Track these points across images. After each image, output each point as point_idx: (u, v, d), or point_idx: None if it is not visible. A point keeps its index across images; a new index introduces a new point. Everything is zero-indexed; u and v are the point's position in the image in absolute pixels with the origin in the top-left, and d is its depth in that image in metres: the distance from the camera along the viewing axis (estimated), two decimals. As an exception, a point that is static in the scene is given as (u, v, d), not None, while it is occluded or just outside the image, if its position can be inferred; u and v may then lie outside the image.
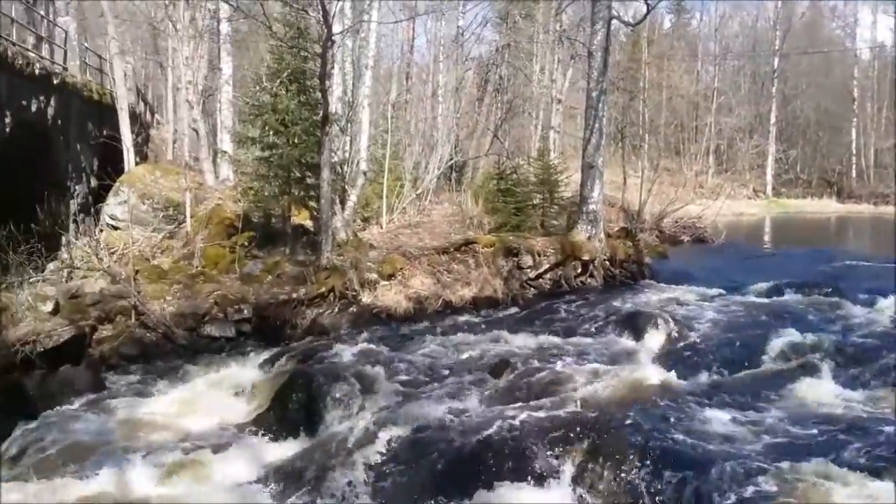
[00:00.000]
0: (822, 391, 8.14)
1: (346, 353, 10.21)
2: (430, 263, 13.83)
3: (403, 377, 9.20)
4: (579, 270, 14.96)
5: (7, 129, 11.31)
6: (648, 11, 15.92)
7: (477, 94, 28.21)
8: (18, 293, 10.12)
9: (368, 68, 16.83)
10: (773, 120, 49.87)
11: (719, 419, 7.27)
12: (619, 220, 22.07)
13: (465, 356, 10.22)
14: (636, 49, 44.07)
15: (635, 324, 11.03)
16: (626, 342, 10.55)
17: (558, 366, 9.25)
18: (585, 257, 14.97)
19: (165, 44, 23.96)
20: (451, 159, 22.55)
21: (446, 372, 9.60)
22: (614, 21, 16.28)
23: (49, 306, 10.30)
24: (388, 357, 10.10)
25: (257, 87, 14.94)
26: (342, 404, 8.13)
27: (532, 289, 14.32)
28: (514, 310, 13.23)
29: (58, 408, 8.56)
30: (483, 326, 11.94)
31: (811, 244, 24.40)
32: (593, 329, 11.29)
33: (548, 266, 14.58)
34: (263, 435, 7.89)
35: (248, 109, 15.25)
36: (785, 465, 5.92)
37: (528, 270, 14.42)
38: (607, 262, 15.30)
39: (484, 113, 27.04)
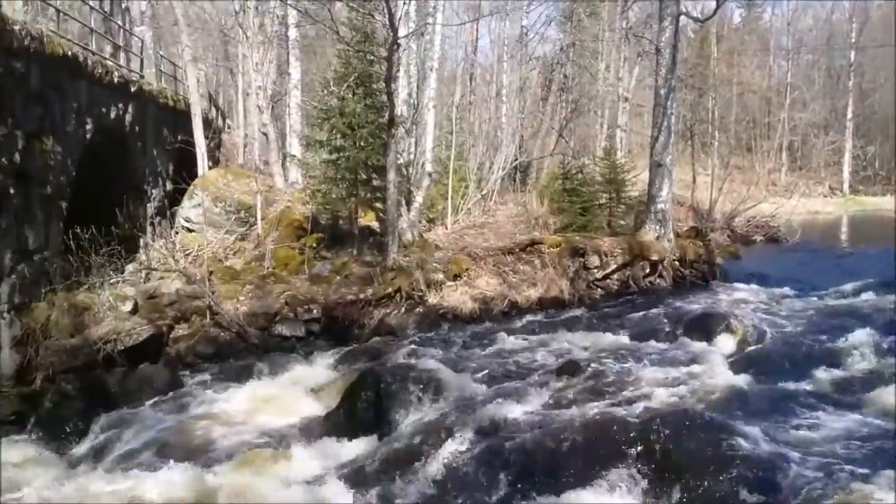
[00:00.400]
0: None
1: (413, 353, 10.30)
2: (495, 264, 13.82)
3: (470, 377, 9.22)
4: (648, 271, 14.75)
5: (88, 136, 11.76)
6: (718, 6, 15.62)
7: (541, 93, 28.03)
8: (100, 293, 10.52)
9: (433, 70, 16.92)
10: (849, 115, 48.00)
11: (796, 425, 7.07)
12: (689, 220, 21.67)
13: (531, 357, 10.20)
14: (705, 45, 43.03)
15: (706, 326, 10.81)
16: (697, 344, 10.34)
17: (627, 368, 9.14)
18: (654, 257, 14.74)
19: (235, 50, 24.57)
20: (516, 159, 22.49)
21: (513, 373, 9.60)
22: (683, 17, 15.98)
23: (129, 306, 10.68)
24: (455, 357, 10.15)
25: (325, 91, 15.19)
26: (410, 404, 8.18)
27: (599, 289, 14.18)
28: (580, 311, 13.12)
29: (138, 404, 8.88)
30: (549, 327, 11.88)
31: (891, 243, 23.43)
32: (663, 331, 11.11)
33: (615, 266, 14.41)
34: (333, 433, 7.99)
35: (315, 113, 15.53)
36: (866, 472, 5.71)
37: (595, 271, 14.28)
38: (677, 263, 15.05)
39: (548, 112, 26.86)
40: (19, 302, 8.98)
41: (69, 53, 10.68)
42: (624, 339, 10.76)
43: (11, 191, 8.77)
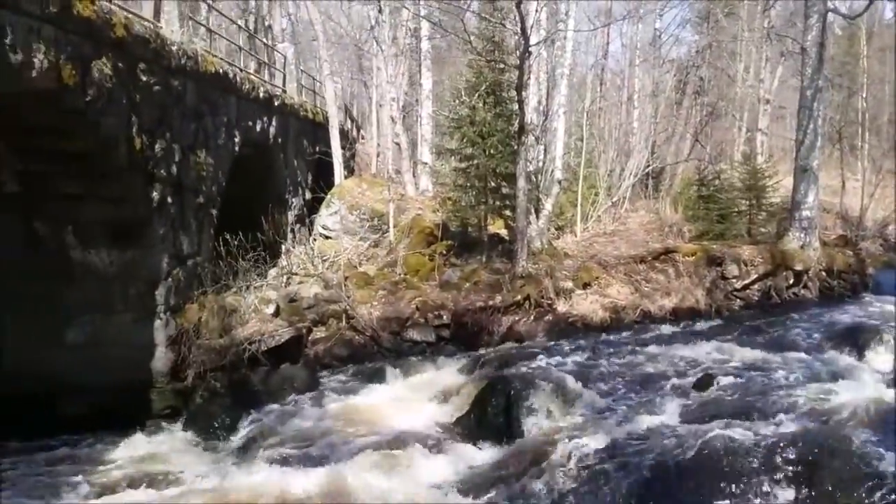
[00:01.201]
0: None
1: (542, 360, 10.29)
2: (627, 272, 13.57)
3: (601, 387, 9.10)
4: (791, 281, 14.03)
5: (236, 149, 12.50)
6: (871, 2, 14.62)
7: (675, 97, 27.19)
8: (246, 296, 11.14)
9: (564, 77, 16.82)
10: None
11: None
12: (837, 228, 20.37)
13: (665, 368, 9.93)
14: (853, 42, 40.36)
15: (856, 339, 10.15)
16: (846, 359, 9.73)
17: (769, 382, 8.73)
18: (798, 267, 14.00)
19: (369, 63, 25.38)
20: (648, 166, 21.94)
21: (646, 383, 9.38)
22: (830, 14, 15.11)
23: (271, 309, 11.24)
24: (585, 366, 10.04)
25: (456, 101, 15.43)
26: (540, 412, 8.17)
27: (738, 300, 13.64)
28: (718, 321, 12.66)
29: (280, 402, 9.34)
30: (684, 338, 11.53)
31: None
32: (808, 344, 10.53)
33: (756, 276, 13.81)
34: (463, 438, 8.10)
35: (446, 122, 15.82)
36: None
37: (734, 281, 13.74)
38: (823, 273, 14.25)
39: (683, 116, 26.00)
40: (174, 304, 9.64)
41: (220, 71, 11.40)
42: (765, 352, 10.25)
43: (169, 200, 9.46)
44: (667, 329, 12.32)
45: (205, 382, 9.36)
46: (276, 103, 15.09)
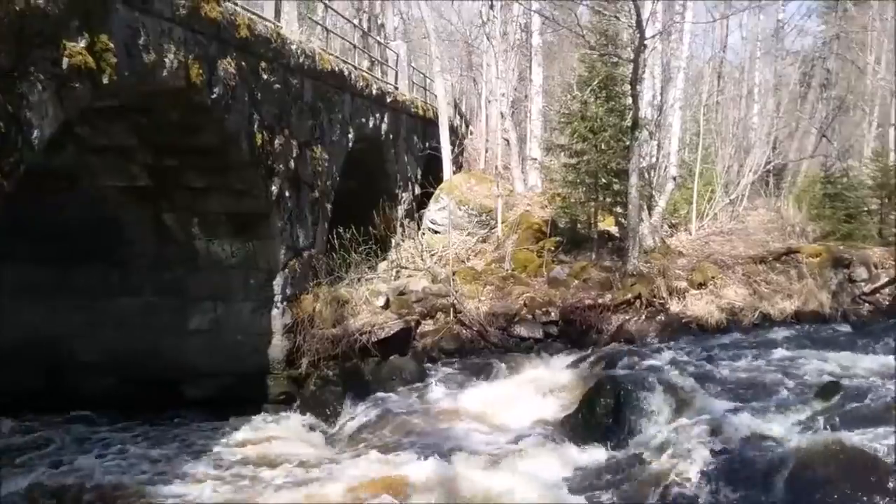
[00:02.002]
0: None
1: (653, 361, 10.01)
2: (745, 273, 13.04)
3: (716, 391, 8.77)
4: (927, 286, 13.06)
5: (350, 144, 12.81)
6: None
7: (799, 90, 25.88)
8: (357, 288, 11.39)
9: (680, 70, 16.33)
10: None
11: None
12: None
13: (785, 373, 9.45)
14: None
15: None
16: None
17: (902, 393, 8.14)
18: (935, 271, 13.02)
19: (479, 59, 25.47)
20: (769, 162, 20.97)
21: (764, 389, 8.97)
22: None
23: (381, 301, 11.45)
24: (699, 369, 9.70)
25: (567, 96, 15.25)
26: (651, 413, 7.96)
27: (867, 304, 12.83)
28: (844, 327, 11.97)
29: (389, 392, 9.51)
30: (806, 343, 10.97)
31: None
32: (947, 354, 9.77)
33: (887, 280, 12.95)
34: (571, 437, 7.97)
35: (556, 118, 15.64)
36: None
37: (862, 284, 12.96)
38: (964, 278, 13.17)
39: (807, 111, 24.72)
40: (290, 294, 9.97)
41: (336, 69, 11.70)
42: (896, 361, 9.61)
43: (287, 194, 9.79)
44: (787, 333, 11.73)
45: (318, 370, 9.63)
46: (388, 100, 15.34)
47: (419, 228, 16.34)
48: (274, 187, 9.39)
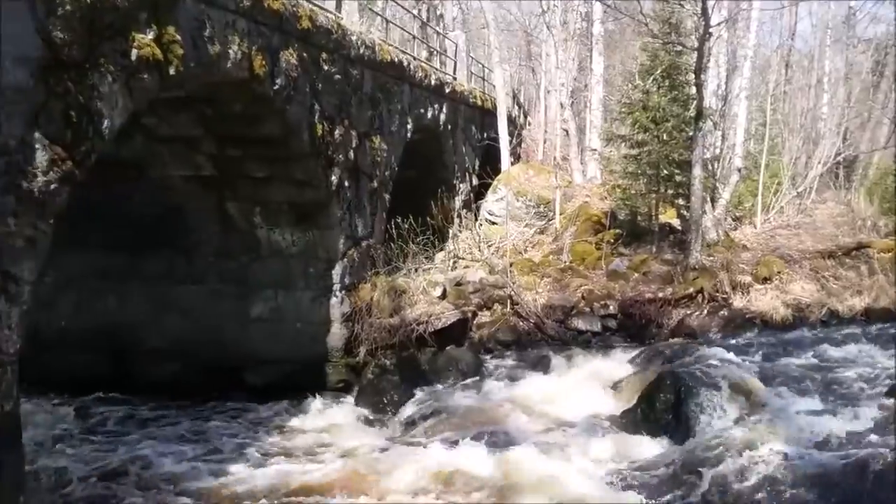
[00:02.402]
0: None
1: (715, 357, 9.75)
2: (812, 268, 12.65)
3: (781, 389, 8.54)
4: None
5: (408, 135, 12.84)
6: None
7: (872, 79, 24.91)
8: (415, 278, 11.44)
9: (747, 59, 15.90)
10: None
11: None
12: None
13: (854, 372, 9.18)
14: None
15: None
16: None
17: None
18: None
19: (538, 49, 25.23)
20: (839, 154, 20.26)
21: (831, 387, 8.73)
22: None
23: (438, 291, 11.47)
24: (764, 365, 9.48)
25: (628, 86, 14.99)
26: (712, 410, 7.78)
27: (942, 302, 12.28)
28: (919, 326, 11.48)
29: (445, 382, 9.53)
30: (878, 342, 10.59)
31: None
32: None
33: (964, 277, 12.39)
34: (629, 431, 7.88)
35: (617, 108, 15.40)
36: None
37: (938, 281, 12.39)
38: None
39: (880, 101, 23.78)
40: (349, 283, 10.06)
41: (395, 60, 11.73)
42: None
43: (346, 184, 9.87)
44: (856, 330, 11.33)
45: (375, 359, 9.70)
46: (446, 90, 15.32)
47: (476, 219, 16.31)
48: (334, 177, 9.48)
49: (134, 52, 5.25)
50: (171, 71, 5.70)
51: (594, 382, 9.36)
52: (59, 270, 9.29)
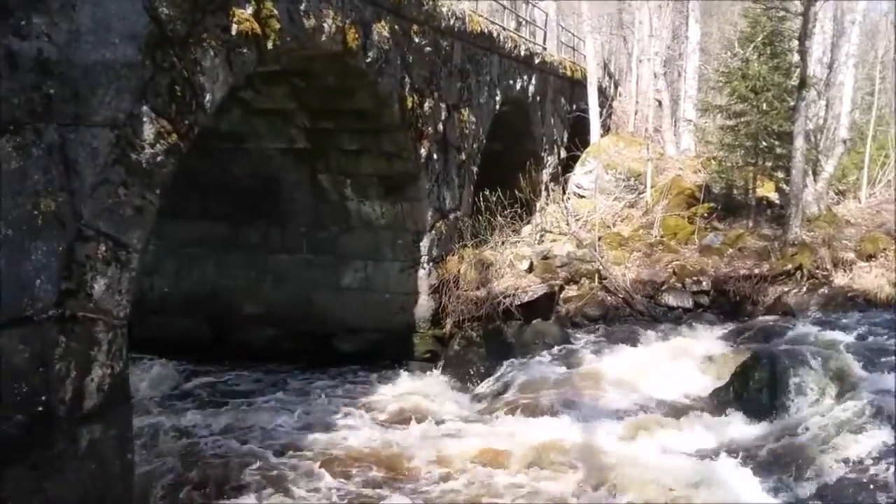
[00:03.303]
0: None
1: (813, 336, 9.45)
2: (922, 245, 11.94)
3: (883, 370, 8.12)
4: None
5: (496, 107, 12.76)
6: None
7: None
8: (502, 252, 11.42)
9: (854, 24, 15.02)
10: None
11: None
12: None
13: (967, 356, 8.63)
14: None
15: None
16: None
17: None
18: None
19: (630, 17, 24.52)
20: (954, 124, 18.97)
21: (940, 372, 8.24)
22: None
23: (525, 265, 11.43)
24: (867, 347, 9.03)
25: (727, 53, 14.46)
26: (810, 392, 7.54)
27: None
28: None
29: (531, 355, 9.51)
30: None
31: None
32: None
33: None
34: (720, 410, 7.72)
35: (714, 77, 14.88)
36: None
37: None
38: None
39: None
40: (436, 255, 10.15)
41: (485, 30, 11.64)
42: None
43: (435, 157, 9.91)
44: (968, 312, 10.68)
45: (461, 331, 9.77)
46: (535, 61, 15.13)
47: (564, 192, 16.13)
48: (423, 150, 9.53)
49: (234, 27, 5.40)
50: (269, 45, 5.83)
51: (684, 359, 9.18)
52: (161, 239, 9.76)
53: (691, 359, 9.18)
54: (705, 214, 13.68)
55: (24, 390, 3.84)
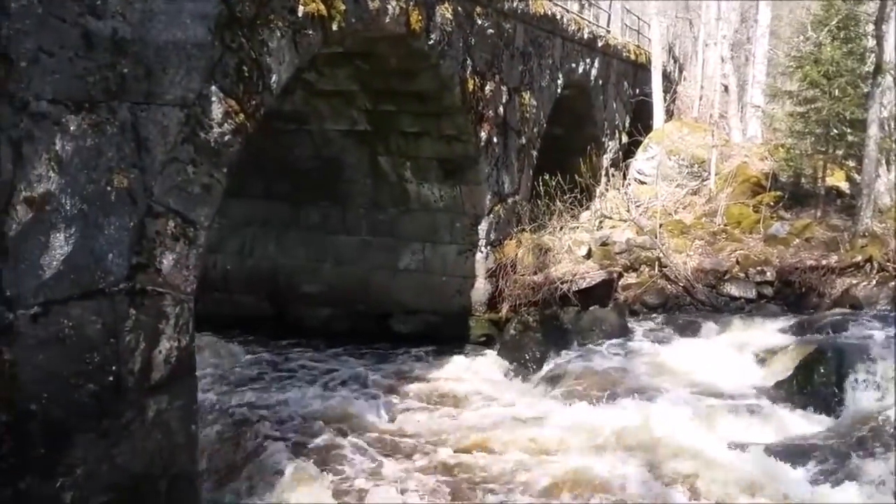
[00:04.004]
0: None
1: (883, 331, 9.10)
2: None
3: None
4: None
5: (558, 90, 12.63)
6: None
7: None
8: (560, 237, 11.33)
9: (937, 6, 14.29)
10: None
11: None
12: None
13: None
14: None
15: None
16: None
17: None
18: None
19: (696, 1, 23.92)
20: None
21: None
22: None
23: (583, 251, 11.32)
24: (939, 343, 8.68)
25: (798, 38, 13.98)
26: (877, 388, 7.35)
27: None
28: None
29: (588, 342, 9.45)
30: None
31: None
32: None
33: None
34: (783, 403, 7.55)
35: (785, 61, 14.42)
36: None
37: None
38: None
39: None
40: (494, 239, 10.13)
41: (548, 13, 11.51)
42: None
43: (495, 140, 9.87)
44: None
45: (518, 315, 9.74)
46: (598, 44, 14.90)
47: (625, 178, 15.88)
48: (483, 133, 9.50)
49: (300, 9, 5.45)
50: (334, 27, 5.87)
51: (746, 350, 9.01)
52: (225, 217, 9.97)
53: (753, 350, 8.99)
54: (771, 203, 13.31)
55: (95, 360, 3.98)
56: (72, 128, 3.73)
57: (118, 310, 4.11)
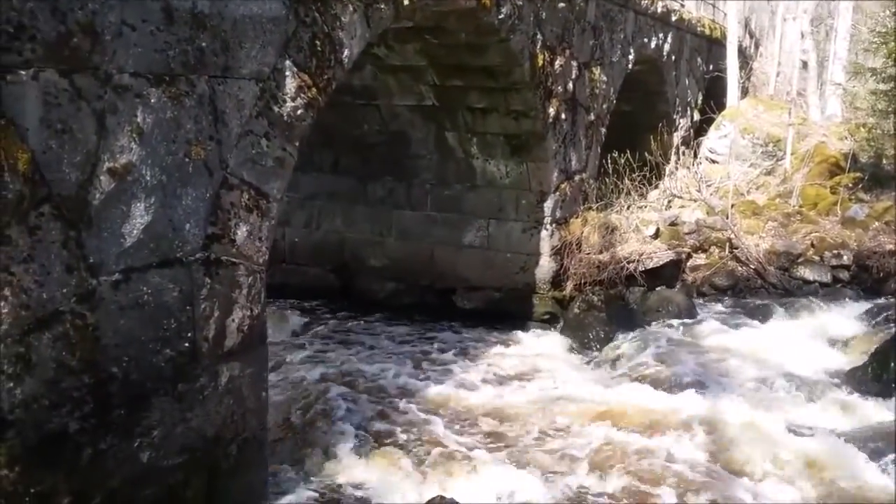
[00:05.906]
0: None
1: (966, 319, 8.74)
2: None
3: None
4: None
5: (629, 65, 12.35)
6: None
7: None
8: (627, 216, 11.14)
9: None
10: None
11: None
12: None
13: None
14: None
15: None
16: None
17: None
18: None
19: (777, -28, 22.99)
20: None
21: None
22: None
23: (651, 230, 11.10)
24: None
25: (885, 12, 13.33)
26: (957, 378, 7.01)
27: None
28: None
29: (654, 323, 9.32)
30: None
31: None
32: None
33: None
34: (857, 390, 7.31)
35: (869, 37, 13.77)
36: None
37: None
38: None
39: None
40: (559, 217, 10.01)
41: (622, -14, 11.28)
42: None
43: (563, 116, 9.73)
44: None
45: (582, 294, 9.64)
46: (672, 18, 14.50)
47: (696, 157, 15.50)
48: (551, 109, 9.37)
49: (372, -17, 5.46)
50: (406, 1, 5.87)
51: (819, 335, 8.77)
52: (294, 190, 10.12)
53: (826, 335, 8.76)
54: (850, 185, 12.83)
55: (172, 326, 4.12)
56: (152, 100, 3.84)
57: (194, 278, 4.23)
